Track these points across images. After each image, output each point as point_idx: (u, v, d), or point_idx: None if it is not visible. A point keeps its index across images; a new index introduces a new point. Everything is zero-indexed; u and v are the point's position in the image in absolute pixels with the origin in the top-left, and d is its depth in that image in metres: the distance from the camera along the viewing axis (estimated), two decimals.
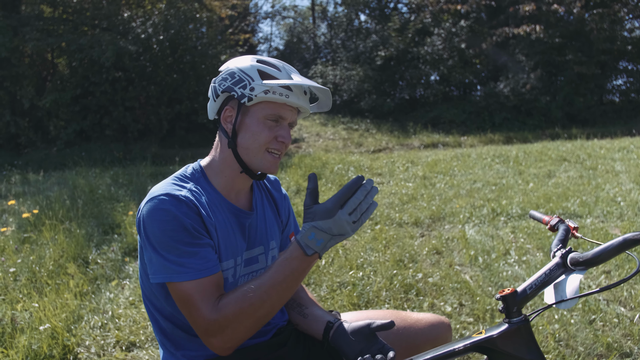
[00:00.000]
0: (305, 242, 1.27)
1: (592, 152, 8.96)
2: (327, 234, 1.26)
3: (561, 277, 1.19)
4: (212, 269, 1.34)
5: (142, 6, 14.82)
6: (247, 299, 1.29)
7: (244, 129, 1.42)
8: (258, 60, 1.44)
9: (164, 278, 1.32)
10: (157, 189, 1.38)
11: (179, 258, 1.30)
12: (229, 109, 1.44)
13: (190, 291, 1.30)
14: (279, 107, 1.40)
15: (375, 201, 1.27)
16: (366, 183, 1.26)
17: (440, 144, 13.18)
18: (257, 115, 1.41)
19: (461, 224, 5.13)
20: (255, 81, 1.38)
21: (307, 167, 8.46)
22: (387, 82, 17.40)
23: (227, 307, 1.29)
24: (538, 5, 15.60)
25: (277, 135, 1.42)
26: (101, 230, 5.05)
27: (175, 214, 1.31)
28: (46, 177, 8.83)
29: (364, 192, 1.25)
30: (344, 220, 1.24)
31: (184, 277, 1.30)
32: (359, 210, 1.25)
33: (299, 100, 1.39)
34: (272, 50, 27.88)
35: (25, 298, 3.40)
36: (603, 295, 3.28)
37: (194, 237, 1.33)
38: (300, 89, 1.39)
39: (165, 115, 13.38)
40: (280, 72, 1.42)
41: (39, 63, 14.01)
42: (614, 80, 16.93)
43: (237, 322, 1.29)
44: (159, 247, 1.31)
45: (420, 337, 1.66)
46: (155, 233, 1.31)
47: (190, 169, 1.49)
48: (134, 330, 3.01)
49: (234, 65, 1.44)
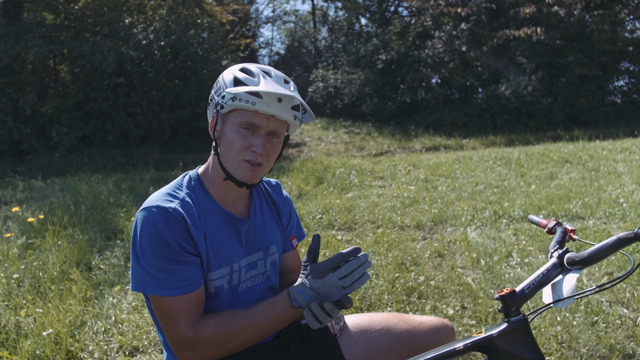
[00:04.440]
0: (294, 295, 1.32)
1: (594, 153, 8.95)
2: (315, 293, 1.31)
3: (558, 277, 1.21)
4: (187, 288, 1.37)
5: (143, 12, 14.89)
6: (225, 328, 1.35)
7: (223, 137, 1.43)
8: (240, 69, 1.45)
9: (140, 288, 1.36)
10: (151, 200, 1.41)
11: (158, 272, 1.34)
12: (214, 117, 1.47)
13: (167, 306, 1.35)
14: (251, 115, 1.38)
15: (368, 273, 1.33)
16: (361, 255, 1.31)
17: (441, 146, 13.18)
18: (231, 122, 1.41)
19: (463, 227, 5.13)
20: (227, 88, 1.40)
21: (308, 171, 8.47)
22: (388, 86, 17.42)
23: (206, 329, 1.35)
24: (538, 7, 15.61)
25: (251, 145, 1.40)
26: (104, 236, 5.07)
27: (161, 228, 1.34)
28: (49, 184, 8.86)
29: (358, 263, 1.30)
30: (332, 283, 1.29)
31: (159, 292, 1.35)
32: (350, 278, 1.29)
33: (269, 107, 1.36)
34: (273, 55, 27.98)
35: (29, 304, 3.42)
36: (605, 296, 3.28)
37: (177, 254, 1.35)
38: (272, 96, 1.36)
39: (167, 121, 13.42)
40: (254, 79, 1.40)
41: (41, 70, 14.07)
42: (615, 82, 16.92)
43: (209, 346, 1.35)
44: (141, 257, 1.36)
45: (423, 340, 1.66)
46: (141, 243, 1.35)
47: (187, 177, 1.51)
48: (137, 335, 3.03)
49: (223, 73, 1.47)
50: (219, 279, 1.47)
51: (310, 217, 5.68)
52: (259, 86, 1.37)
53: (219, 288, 1.47)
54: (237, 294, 1.52)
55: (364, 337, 1.66)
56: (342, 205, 6.09)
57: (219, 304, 1.49)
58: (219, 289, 1.47)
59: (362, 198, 6.71)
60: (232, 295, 1.51)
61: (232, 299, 1.51)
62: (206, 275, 1.45)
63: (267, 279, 1.61)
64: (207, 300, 1.47)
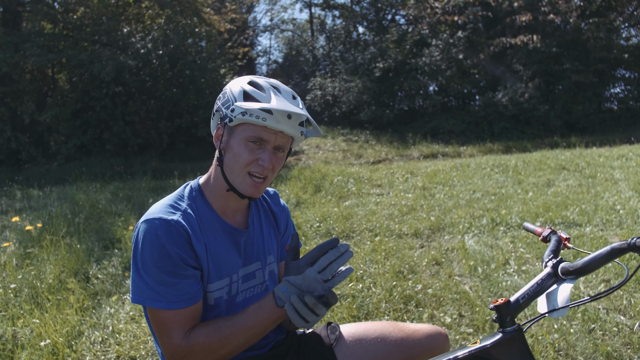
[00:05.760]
0: (278, 294, 1.31)
1: (591, 160, 8.98)
2: (298, 289, 1.29)
3: (553, 287, 1.21)
4: (187, 301, 1.38)
5: (141, 21, 14.96)
6: (216, 336, 1.35)
7: (229, 149, 1.43)
8: (249, 82, 1.45)
9: (139, 300, 1.37)
10: (153, 211, 1.41)
11: (158, 285, 1.35)
12: (220, 127, 1.47)
13: (163, 318, 1.36)
14: (260, 130, 1.39)
15: (351, 266, 1.31)
16: (340, 246, 1.28)
17: (439, 154, 13.21)
18: (239, 136, 1.41)
19: (460, 235, 5.14)
20: (236, 102, 1.40)
21: (306, 180, 8.48)
22: (386, 94, 17.49)
23: (196, 338, 1.35)
24: (535, 15, 15.72)
25: (257, 158, 1.41)
26: (102, 245, 5.06)
27: (163, 241, 1.34)
28: (47, 193, 8.85)
29: (336, 254, 1.27)
30: (312, 277, 1.27)
31: (158, 305, 1.35)
32: (330, 270, 1.26)
33: (278, 124, 1.37)
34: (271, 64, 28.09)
35: (26, 314, 3.41)
36: (602, 304, 3.28)
37: (178, 267, 1.36)
38: (283, 114, 1.37)
39: (165, 129, 13.44)
40: (264, 94, 1.40)
41: (40, 79, 14.11)
42: (611, 89, 17.02)
43: (202, 355, 1.35)
44: (142, 269, 1.36)
45: (417, 347, 1.67)
46: (142, 255, 1.36)
47: (188, 188, 1.52)
48: (135, 345, 3.02)
49: (230, 85, 1.47)
50: (218, 290, 1.47)
51: (308, 225, 5.68)
52: (270, 103, 1.37)
53: (218, 299, 1.48)
54: (235, 304, 1.53)
55: (359, 346, 1.66)
56: (339, 214, 6.09)
57: (218, 315, 1.49)
58: (218, 300, 1.48)
59: (360, 206, 6.72)
60: (230, 306, 1.52)
61: (230, 309, 1.51)
62: (206, 287, 1.45)
63: (266, 288, 1.62)
64: (207, 312, 1.47)
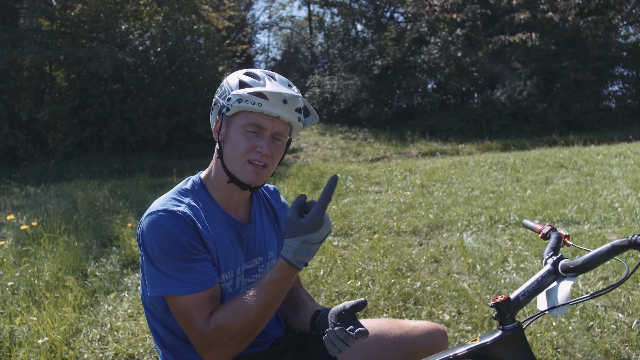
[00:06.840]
0: (297, 260, 1.30)
1: (589, 158, 8.99)
2: (316, 244, 1.30)
3: (553, 284, 1.21)
4: (208, 282, 1.36)
5: (139, 19, 14.91)
6: (236, 316, 1.32)
7: (227, 140, 1.44)
8: (245, 73, 1.46)
9: (161, 291, 1.34)
10: (157, 204, 1.40)
11: (176, 272, 1.33)
12: (218, 120, 1.47)
13: (187, 304, 1.33)
14: (257, 117, 1.40)
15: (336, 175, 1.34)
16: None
17: (438, 152, 13.21)
18: (237, 125, 1.42)
19: (459, 232, 5.14)
20: (232, 91, 1.41)
21: (305, 177, 8.47)
22: (385, 91, 17.47)
23: (217, 321, 1.33)
24: (533, 13, 15.71)
25: (256, 146, 1.41)
26: (100, 243, 5.05)
27: (172, 230, 1.34)
28: (45, 190, 8.83)
29: None
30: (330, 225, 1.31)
31: (180, 291, 1.33)
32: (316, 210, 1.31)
33: (274, 109, 1.38)
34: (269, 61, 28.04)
35: (23, 311, 3.40)
36: (601, 301, 3.28)
37: (190, 253, 1.35)
38: (278, 97, 1.38)
39: (164, 127, 13.40)
40: (259, 81, 1.42)
41: (37, 76, 14.04)
42: (610, 87, 17.01)
43: (226, 337, 1.32)
44: (156, 262, 1.34)
45: (416, 344, 1.67)
46: (153, 248, 1.34)
47: (190, 182, 1.52)
48: (133, 342, 3.01)
49: (227, 78, 1.48)
50: (225, 282, 1.48)
51: None
52: (265, 87, 1.39)
53: (224, 292, 1.48)
54: None
55: (358, 343, 1.66)
56: (338, 211, 6.09)
57: None
58: (223, 292, 1.48)
59: (359, 204, 6.72)
60: None
61: None
62: None
63: None
64: None
